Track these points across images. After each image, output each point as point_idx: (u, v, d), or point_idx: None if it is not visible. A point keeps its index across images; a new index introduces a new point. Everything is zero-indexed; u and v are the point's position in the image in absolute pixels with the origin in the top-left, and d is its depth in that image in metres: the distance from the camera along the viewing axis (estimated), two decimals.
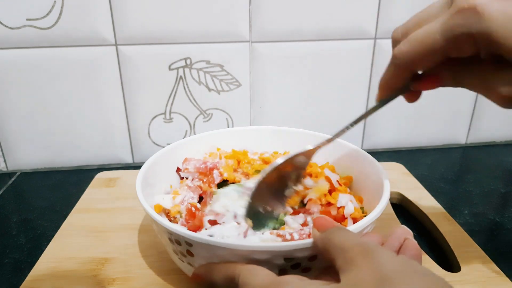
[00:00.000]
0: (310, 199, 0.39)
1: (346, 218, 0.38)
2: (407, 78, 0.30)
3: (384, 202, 0.34)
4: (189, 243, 0.31)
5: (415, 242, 0.30)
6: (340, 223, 0.34)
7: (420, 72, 0.31)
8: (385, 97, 0.33)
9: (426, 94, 0.33)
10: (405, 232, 0.30)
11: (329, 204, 0.39)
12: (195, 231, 0.35)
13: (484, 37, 0.24)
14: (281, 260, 0.30)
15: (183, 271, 0.36)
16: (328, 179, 0.40)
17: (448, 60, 0.27)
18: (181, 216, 0.39)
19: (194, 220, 0.37)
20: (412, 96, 0.32)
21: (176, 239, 0.32)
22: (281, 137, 0.49)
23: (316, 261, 0.31)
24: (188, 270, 0.35)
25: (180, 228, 0.31)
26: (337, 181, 0.41)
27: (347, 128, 0.37)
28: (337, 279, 0.24)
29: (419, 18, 0.28)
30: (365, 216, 0.36)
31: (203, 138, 0.49)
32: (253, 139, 0.50)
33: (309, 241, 0.29)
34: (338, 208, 0.39)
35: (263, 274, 0.27)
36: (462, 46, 0.25)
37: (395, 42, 0.29)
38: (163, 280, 0.38)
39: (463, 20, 0.24)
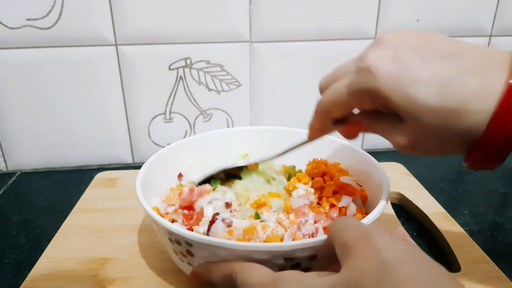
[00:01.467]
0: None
1: None
2: (328, 123, 0.34)
3: (383, 202, 0.34)
4: (189, 243, 0.31)
5: (413, 242, 0.30)
6: None
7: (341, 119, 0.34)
8: (314, 138, 0.38)
9: None
10: (403, 235, 0.30)
11: (332, 205, 0.39)
12: (194, 223, 0.36)
13: (375, 93, 0.27)
14: (281, 260, 0.30)
15: (183, 271, 0.36)
16: (346, 190, 0.40)
17: (364, 112, 0.32)
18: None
19: (190, 221, 0.37)
20: (349, 135, 0.35)
21: (176, 239, 0.32)
22: (281, 137, 0.49)
23: (316, 261, 0.31)
24: (187, 270, 0.35)
25: (180, 228, 0.31)
26: (356, 182, 0.41)
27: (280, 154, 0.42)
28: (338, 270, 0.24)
29: (338, 73, 0.32)
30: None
31: (203, 138, 0.49)
32: (253, 139, 0.50)
33: (309, 241, 0.29)
34: (340, 208, 0.39)
35: (261, 271, 0.27)
36: (361, 100, 0.29)
37: (320, 92, 0.34)
38: (163, 280, 0.38)
39: (360, 78, 0.28)
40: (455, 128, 0.26)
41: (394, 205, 0.51)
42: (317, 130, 0.36)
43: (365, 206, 0.41)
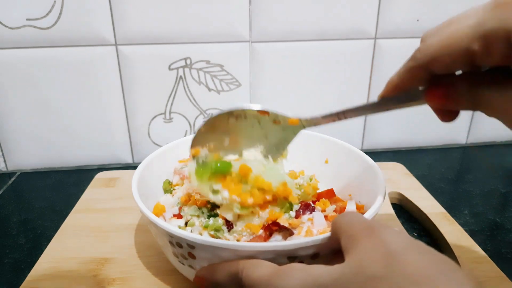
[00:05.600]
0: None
1: None
2: (421, 79, 0.26)
3: (379, 201, 0.34)
4: (191, 245, 0.31)
5: None
6: None
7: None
8: (388, 95, 0.29)
9: None
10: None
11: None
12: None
13: None
14: (285, 259, 0.30)
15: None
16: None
17: (471, 78, 0.25)
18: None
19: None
20: (445, 115, 0.28)
21: (178, 242, 0.31)
22: None
23: (318, 259, 0.31)
24: (187, 273, 0.35)
25: (181, 231, 0.31)
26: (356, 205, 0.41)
27: (337, 117, 0.35)
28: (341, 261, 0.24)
29: (454, 18, 0.24)
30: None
31: None
32: None
33: (312, 239, 0.29)
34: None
35: (266, 264, 0.28)
36: (493, 45, 0.21)
37: (423, 41, 0.26)
38: (162, 280, 0.38)
39: (499, 15, 0.21)
40: None
41: (394, 205, 0.51)
42: (399, 87, 0.28)
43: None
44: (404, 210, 0.51)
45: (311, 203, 0.38)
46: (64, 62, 0.58)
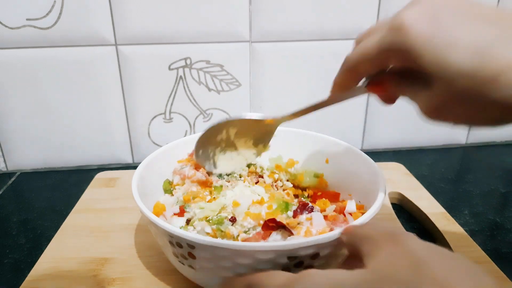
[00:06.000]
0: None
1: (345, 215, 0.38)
2: (355, 79, 0.33)
3: (379, 201, 0.34)
4: (191, 246, 0.31)
5: None
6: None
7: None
8: (336, 93, 0.37)
9: None
10: None
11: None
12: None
13: (406, 52, 0.26)
14: (285, 259, 0.30)
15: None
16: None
17: (391, 71, 0.31)
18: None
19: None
20: (386, 99, 0.34)
21: (178, 242, 0.31)
22: (281, 137, 0.49)
23: (318, 259, 0.31)
24: (187, 273, 0.35)
25: (181, 231, 0.31)
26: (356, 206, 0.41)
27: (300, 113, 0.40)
28: (360, 267, 0.24)
29: (372, 28, 0.31)
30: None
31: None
32: None
33: (312, 239, 0.29)
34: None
35: (282, 274, 0.28)
36: (390, 57, 0.28)
37: (354, 46, 0.33)
38: (162, 280, 0.38)
39: (392, 35, 0.26)
40: (488, 98, 0.24)
41: (394, 205, 0.51)
42: (340, 85, 0.35)
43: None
44: (404, 210, 0.51)
45: (309, 203, 0.38)
46: (64, 62, 0.58)
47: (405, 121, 0.69)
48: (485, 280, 0.21)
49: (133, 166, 0.64)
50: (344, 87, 0.35)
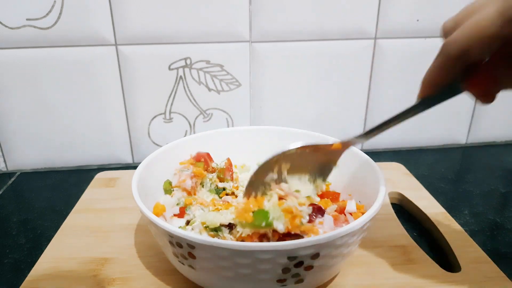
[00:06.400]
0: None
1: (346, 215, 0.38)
2: (457, 72, 0.27)
3: (379, 201, 0.34)
4: (191, 245, 0.31)
5: None
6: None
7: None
8: (428, 94, 0.30)
9: None
10: None
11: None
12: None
13: None
14: (285, 259, 0.30)
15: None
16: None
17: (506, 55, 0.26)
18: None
19: None
20: (488, 96, 0.28)
21: (178, 242, 0.31)
22: (281, 137, 0.49)
23: (318, 259, 0.31)
24: (188, 273, 0.35)
25: (181, 231, 0.31)
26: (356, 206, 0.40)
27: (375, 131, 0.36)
28: None
29: (471, 8, 0.26)
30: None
31: (201, 138, 0.48)
32: (252, 139, 0.50)
33: (312, 239, 0.30)
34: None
35: None
36: None
37: (447, 34, 0.27)
38: (162, 280, 0.38)
39: None
40: None
41: (394, 205, 0.51)
42: (438, 83, 0.28)
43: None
44: (404, 210, 0.51)
45: (321, 206, 0.38)
46: (64, 62, 0.58)
47: (405, 121, 0.69)
48: None
49: (133, 166, 0.64)
50: (440, 83, 0.28)
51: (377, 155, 0.68)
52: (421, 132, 0.70)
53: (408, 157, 0.67)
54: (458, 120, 0.70)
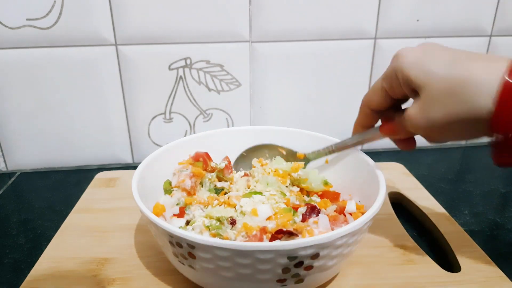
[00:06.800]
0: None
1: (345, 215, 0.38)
2: (371, 116, 0.39)
3: (379, 201, 0.34)
4: (191, 245, 0.31)
5: None
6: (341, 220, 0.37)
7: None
8: (357, 133, 0.42)
9: None
10: None
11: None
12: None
13: (401, 71, 0.33)
14: (285, 259, 0.30)
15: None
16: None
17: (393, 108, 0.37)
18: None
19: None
20: (405, 145, 0.39)
21: (178, 242, 0.31)
22: (281, 137, 0.49)
23: (318, 259, 0.31)
24: (188, 273, 0.35)
25: (181, 231, 0.31)
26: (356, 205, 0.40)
27: (330, 150, 0.45)
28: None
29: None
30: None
31: (201, 138, 0.48)
32: (251, 139, 0.50)
33: (312, 239, 0.29)
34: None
35: None
36: (391, 81, 0.35)
37: None
38: (162, 280, 0.38)
39: (392, 63, 0.35)
40: (463, 96, 0.29)
41: (394, 205, 0.51)
42: (359, 125, 0.41)
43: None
44: (404, 210, 0.51)
45: (316, 206, 0.38)
46: (64, 62, 0.58)
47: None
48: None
49: (133, 166, 0.64)
50: (362, 126, 0.41)
51: (377, 155, 0.68)
52: None
53: (408, 157, 0.67)
54: None
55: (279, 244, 0.29)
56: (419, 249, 0.42)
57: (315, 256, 0.30)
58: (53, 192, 0.57)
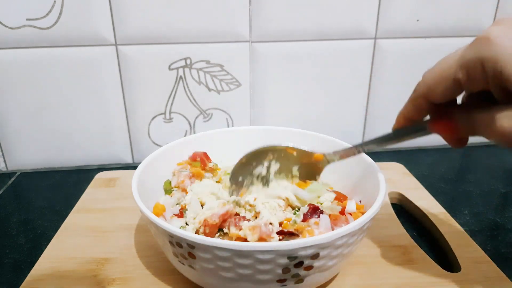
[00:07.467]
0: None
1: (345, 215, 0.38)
2: (423, 109, 0.31)
3: (379, 201, 0.34)
4: (191, 245, 0.31)
5: None
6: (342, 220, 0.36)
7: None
8: (400, 127, 0.34)
9: None
10: None
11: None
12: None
13: (492, 62, 0.25)
14: (285, 259, 0.30)
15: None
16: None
17: (467, 107, 0.29)
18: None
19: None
20: (457, 142, 0.32)
21: (178, 242, 0.31)
22: (281, 137, 0.49)
23: (319, 259, 0.31)
24: (188, 273, 0.35)
25: (182, 231, 0.31)
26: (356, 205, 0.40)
27: (357, 149, 0.39)
28: None
29: (446, 56, 0.29)
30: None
31: (200, 138, 0.48)
32: (250, 139, 0.49)
33: (312, 239, 0.29)
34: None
35: None
36: (472, 72, 0.26)
37: (422, 77, 0.31)
38: (162, 280, 0.38)
39: (476, 48, 0.26)
40: None
41: (394, 205, 0.51)
42: (406, 118, 0.33)
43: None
44: (404, 210, 0.51)
45: (319, 206, 0.38)
46: (64, 62, 0.58)
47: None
48: None
49: (133, 166, 0.64)
50: (409, 119, 0.33)
51: (377, 155, 0.68)
52: None
53: (408, 157, 0.67)
54: None
55: (279, 244, 0.29)
56: (419, 249, 0.42)
57: (315, 256, 0.30)
58: (53, 192, 0.57)
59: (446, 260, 0.42)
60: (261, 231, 0.33)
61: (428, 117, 0.32)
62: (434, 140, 0.71)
